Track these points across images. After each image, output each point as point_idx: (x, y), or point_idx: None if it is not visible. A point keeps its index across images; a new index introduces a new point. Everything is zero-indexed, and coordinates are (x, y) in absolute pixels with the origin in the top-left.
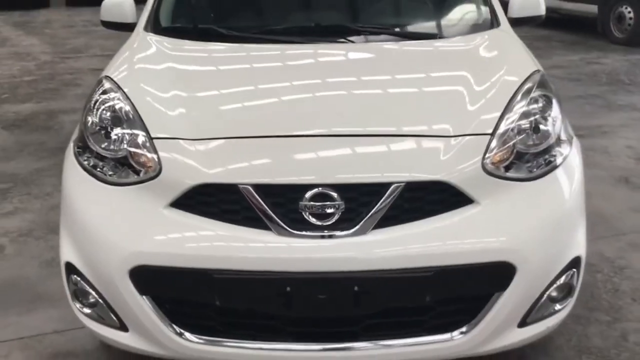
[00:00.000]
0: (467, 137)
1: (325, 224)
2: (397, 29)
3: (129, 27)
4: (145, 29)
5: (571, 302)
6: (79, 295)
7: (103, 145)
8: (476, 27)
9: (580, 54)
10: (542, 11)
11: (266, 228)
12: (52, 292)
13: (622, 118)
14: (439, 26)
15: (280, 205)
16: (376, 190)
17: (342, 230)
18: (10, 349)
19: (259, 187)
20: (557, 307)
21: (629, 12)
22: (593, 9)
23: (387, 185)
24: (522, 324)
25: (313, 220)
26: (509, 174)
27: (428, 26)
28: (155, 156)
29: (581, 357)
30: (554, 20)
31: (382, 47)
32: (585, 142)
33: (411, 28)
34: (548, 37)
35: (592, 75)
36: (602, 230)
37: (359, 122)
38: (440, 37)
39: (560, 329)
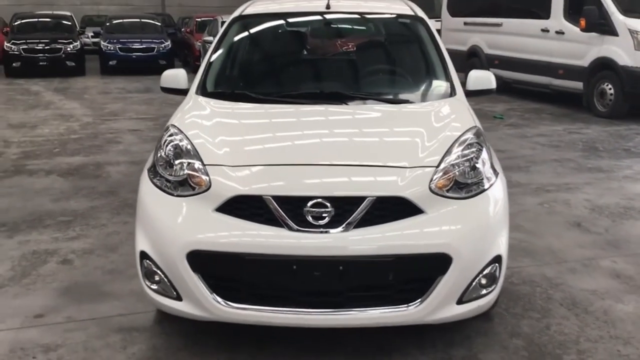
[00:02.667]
0: (419, 169)
1: (321, 223)
2: (379, 96)
3: (182, 92)
4: (196, 92)
5: (496, 289)
6: (148, 275)
7: (168, 172)
8: (438, 96)
9: (564, 124)
10: (493, 85)
11: (281, 226)
12: (114, 291)
13: (587, 178)
14: (410, 94)
15: (291, 211)
16: (356, 202)
17: (332, 228)
18: (87, 325)
19: (276, 198)
20: (485, 291)
21: (610, 89)
22: (579, 85)
23: (363, 199)
24: (460, 301)
25: (313, 221)
26: (449, 194)
27: (402, 94)
28: (207, 177)
29: (512, 338)
30: (546, 95)
31: (368, 107)
32: (550, 195)
33: (390, 96)
34: (539, 109)
35: (571, 142)
36: (548, 259)
37: (346, 157)
38: (411, 102)
39: (499, 321)
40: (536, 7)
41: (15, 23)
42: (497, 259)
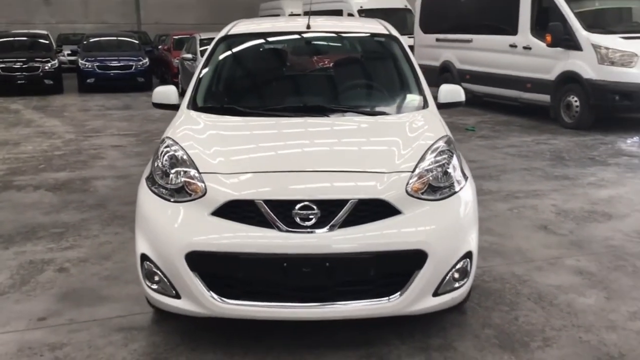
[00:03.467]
0: (396, 174)
1: (308, 224)
2: (358, 109)
3: (173, 107)
4: (187, 107)
5: (468, 282)
6: (149, 276)
7: (165, 181)
8: (412, 108)
9: (533, 135)
10: (462, 98)
11: (271, 227)
12: (112, 295)
13: (554, 185)
14: (387, 107)
15: (280, 213)
16: (340, 204)
17: (318, 229)
18: (89, 325)
19: (267, 202)
20: (457, 285)
21: (576, 101)
22: (546, 98)
23: (346, 201)
24: (435, 294)
25: (300, 222)
26: (423, 196)
27: (379, 107)
28: (203, 184)
29: (483, 329)
30: (515, 108)
31: (348, 119)
32: (519, 201)
33: (368, 108)
34: (509, 121)
35: (539, 152)
36: (517, 259)
37: (330, 164)
38: (387, 114)
39: (472, 314)
40: (504, 23)
41: None
42: (468, 255)
